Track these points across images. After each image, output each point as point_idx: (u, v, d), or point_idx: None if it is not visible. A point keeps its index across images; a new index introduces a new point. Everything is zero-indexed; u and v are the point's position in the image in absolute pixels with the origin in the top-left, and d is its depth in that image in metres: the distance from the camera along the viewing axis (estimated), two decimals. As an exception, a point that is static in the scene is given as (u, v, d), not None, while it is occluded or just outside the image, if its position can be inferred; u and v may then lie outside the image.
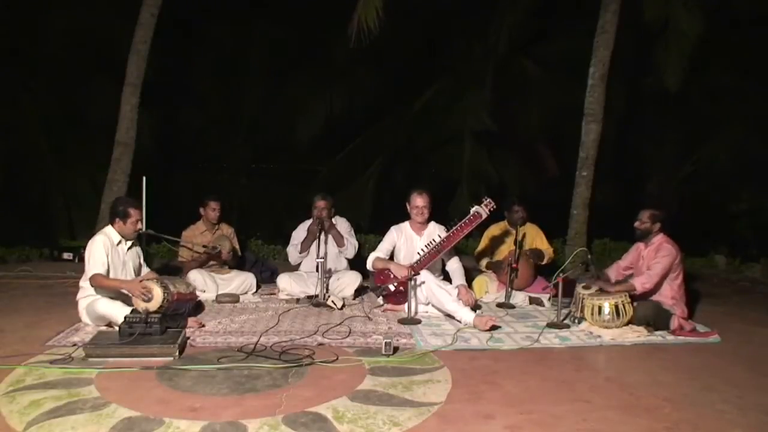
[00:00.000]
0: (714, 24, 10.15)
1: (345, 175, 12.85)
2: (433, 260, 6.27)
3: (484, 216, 6.24)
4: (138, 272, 5.68)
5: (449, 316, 5.88)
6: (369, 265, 6.54)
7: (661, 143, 13.10)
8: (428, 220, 6.60)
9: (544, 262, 7.13)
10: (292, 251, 7.19)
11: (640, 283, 5.65)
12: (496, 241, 7.38)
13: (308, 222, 7.17)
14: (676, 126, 12.71)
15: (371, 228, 10.44)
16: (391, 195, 11.23)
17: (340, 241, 7.05)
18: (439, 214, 6.73)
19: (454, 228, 6.21)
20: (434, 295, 5.91)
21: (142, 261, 5.81)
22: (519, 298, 6.86)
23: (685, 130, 12.69)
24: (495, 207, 6.25)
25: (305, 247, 7.07)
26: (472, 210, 6.24)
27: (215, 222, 7.20)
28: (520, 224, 7.11)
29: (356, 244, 7.24)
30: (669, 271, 5.68)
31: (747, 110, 11.81)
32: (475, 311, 5.82)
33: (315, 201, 7.07)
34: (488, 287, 7.11)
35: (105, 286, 5.22)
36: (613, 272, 6.18)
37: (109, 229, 5.49)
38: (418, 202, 6.48)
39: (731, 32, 11.32)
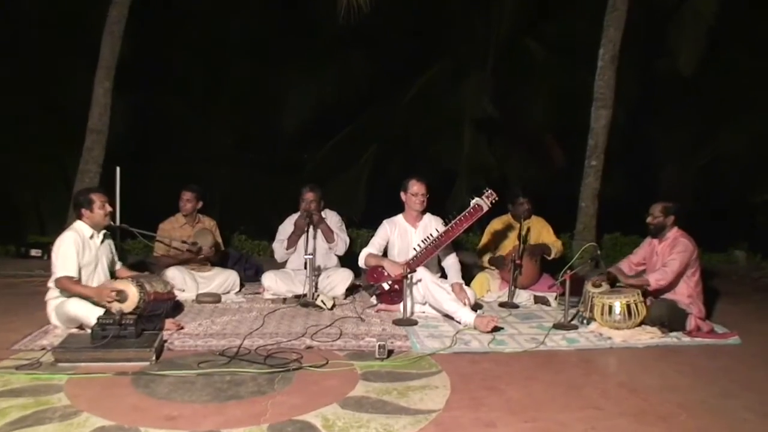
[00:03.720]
0: (731, 2, 10.14)
1: (335, 166, 12.84)
2: (431, 257, 6.26)
3: (486, 209, 6.22)
4: (112, 268, 5.66)
5: (448, 316, 5.88)
6: (361, 262, 6.52)
7: (675, 131, 13.10)
8: (424, 212, 6.60)
9: (552, 256, 7.13)
10: (278, 247, 7.17)
11: (655, 280, 5.65)
12: (499, 236, 7.37)
13: (296, 216, 7.15)
14: (692, 112, 12.72)
15: (364, 222, 10.42)
16: (385, 186, 11.18)
17: (329, 236, 7.03)
18: (436, 206, 6.72)
19: (453, 222, 6.19)
20: (431, 293, 5.91)
21: (115, 256, 5.78)
22: (523, 297, 6.87)
23: (701, 117, 12.69)
24: (497, 199, 6.24)
25: (292, 242, 7.05)
26: (473, 202, 6.22)
27: (189, 214, 7.15)
28: (525, 218, 7.10)
29: (347, 239, 7.23)
30: (686, 268, 5.68)
31: (767, 95, 11.81)
32: (476, 311, 5.82)
33: (303, 192, 7.04)
34: (490, 285, 7.10)
35: (72, 292, 5.17)
36: (625, 268, 6.18)
37: (78, 225, 5.45)
38: (417, 189, 6.46)
39: (749, 11, 11.32)
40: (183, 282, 6.70)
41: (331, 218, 7.22)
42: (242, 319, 5.84)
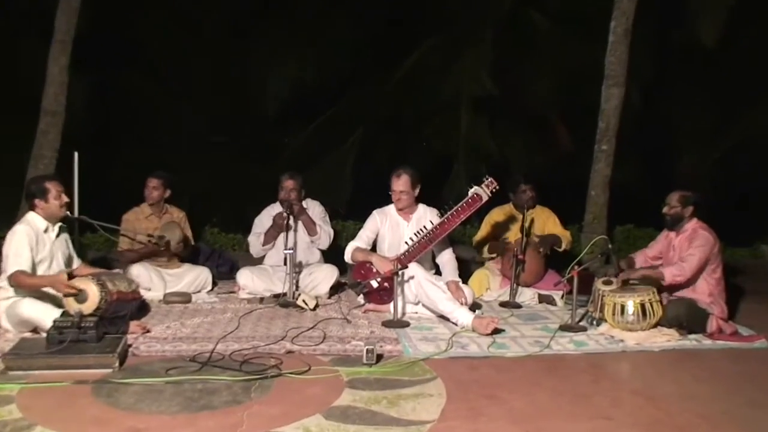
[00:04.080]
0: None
1: (318, 151, 12.77)
2: (424, 251, 6.28)
3: (485, 198, 6.23)
4: (69, 264, 5.64)
5: (443, 317, 5.90)
6: (347, 257, 6.53)
7: (695, 112, 13.08)
8: (417, 202, 6.61)
9: (563, 248, 7.15)
10: (254, 241, 7.17)
11: (671, 274, 5.65)
12: (500, 229, 7.39)
13: (275, 206, 7.15)
14: (714, 91, 12.71)
15: (349, 213, 10.41)
16: (373, 174, 11.16)
17: (312, 228, 7.03)
18: (431, 196, 6.72)
19: (449, 213, 6.20)
20: (425, 292, 5.93)
21: (72, 252, 5.76)
22: (526, 295, 6.89)
23: (724, 97, 12.69)
24: (498, 187, 6.25)
25: (269, 238, 7.06)
26: (471, 191, 6.23)
27: (155, 203, 7.12)
28: (528, 207, 7.11)
29: (331, 232, 7.23)
30: (706, 263, 5.69)
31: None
32: (474, 312, 5.84)
33: (282, 180, 7.04)
34: (489, 283, 7.12)
35: (28, 285, 5.17)
36: (640, 261, 6.20)
37: (31, 216, 5.42)
38: (393, 185, 6.49)
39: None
40: (149, 280, 6.68)
41: (314, 209, 7.22)
42: (215, 321, 5.85)
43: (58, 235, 5.55)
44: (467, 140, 12.11)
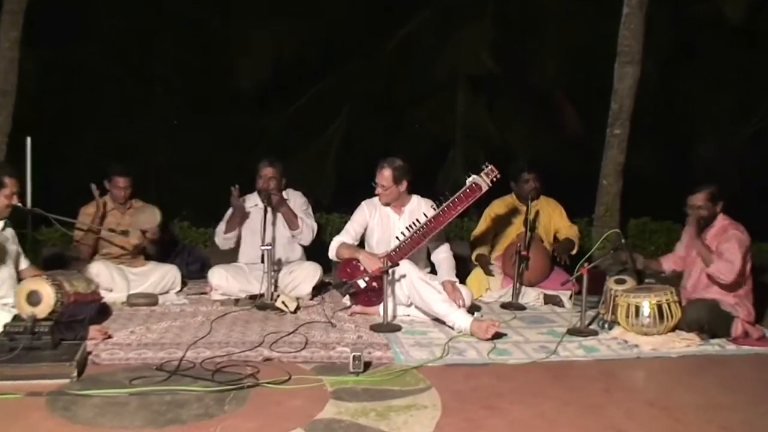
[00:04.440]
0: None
1: (300, 135, 12.78)
2: (418, 247, 6.28)
3: (485, 188, 6.24)
4: (17, 262, 5.61)
5: (438, 320, 5.91)
6: (332, 254, 6.55)
7: (718, 94, 13.10)
8: (411, 193, 6.62)
9: (575, 251, 7.17)
10: (219, 230, 7.22)
11: (717, 269, 5.64)
12: (501, 222, 7.40)
13: (252, 197, 7.17)
14: (739, 71, 12.73)
15: (335, 205, 10.39)
16: (361, 161, 11.15)
17: (293, 221, 7.02)
18: (425, 185, 6.72)
19: (445, 204, 6.21)
20: (418, 292, 5.93)
21: (20, 249, 5.73)
22: (531, 296, 6.91)
23: (751, 77, 12.71)
24: (499, 176, 6.25)
25: (232, 226, 7.09)
26: (469, 180, 6.23)
27: (123, 203, 7.12)
28: (532, 198, 7.12)
29: (315, 226, 7.23)
30: (746, 262, 5.71)
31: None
32: (473, 314, 5.85)
33: (260, 168, 7.04)
34: (489, 283, 7.13)
35: None
36: (670, 264, 6.23)
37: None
38: (377, 177, 6.50)
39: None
40: (110, 279, 6.65)
41: (295, 200, 7.22)
42: (185, 326, 5.84)
43: (3, 229, 5.52)
44: (465, 124, 12.14)
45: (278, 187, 7.02)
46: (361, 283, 6.31)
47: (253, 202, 7.15)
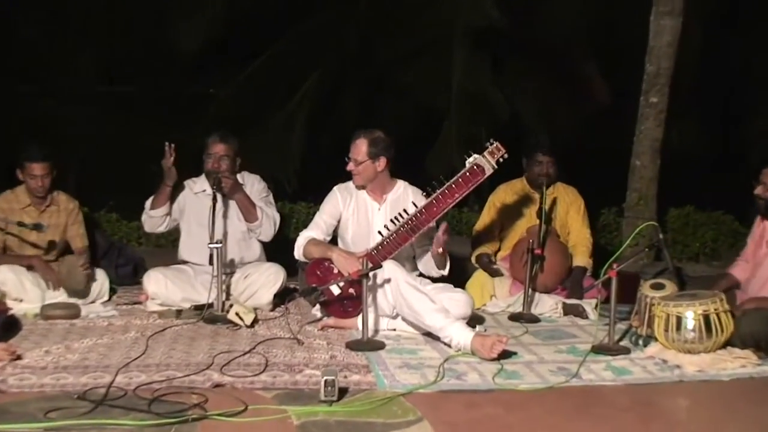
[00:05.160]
0: None
1: (257, 105, 12.76)
2: (405, 245, 6.25)
3: (489, 171, 6.21)
4: None
5: (431, 335, 5.91)
6: (298, 253, 6.54)
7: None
8: (395, 178, 6.62)
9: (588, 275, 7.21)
10: (145, 207, 7.18)
11: None
12: (509, 213, 7.42)
13: (198, 181, 7.18)
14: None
15: (302, 191, 10.40)
16: (333, 138, 11.14)
17: (250, 212, 7.02)
18: (411, 167, 6.69)
19: (439, 191, 6.17)
20: (406, 301, 5.89)
21: None
22: (546, 305, 6.92)
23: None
24: (506, 155, 6.24)
25: (160, 200, 7.04)
26: (469, 161, 6.20)
27: (42, 195, 7.10)
28: (547, 184, 7.13)
29: (277, 217, 7.23)
30: None
31: None
32: (475, 328, 5.84)
33: (209, 145, 7.02)
34: (495, 289, 7.13)
35: None
36: (739, 272, 6.23)
37: None
38: (350, 152, 6.49)
39: None
40: (20, 287, 6.65)
41: (252, 185, 7.23)
42: (113, 344, 5.81)
43: None
44: (462, 90, 12.08)
45: (232, 169, 6.99)
46: (335, 290, 6.30)
47: (200, 187, 7.14)
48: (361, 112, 11.95)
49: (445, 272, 6.42)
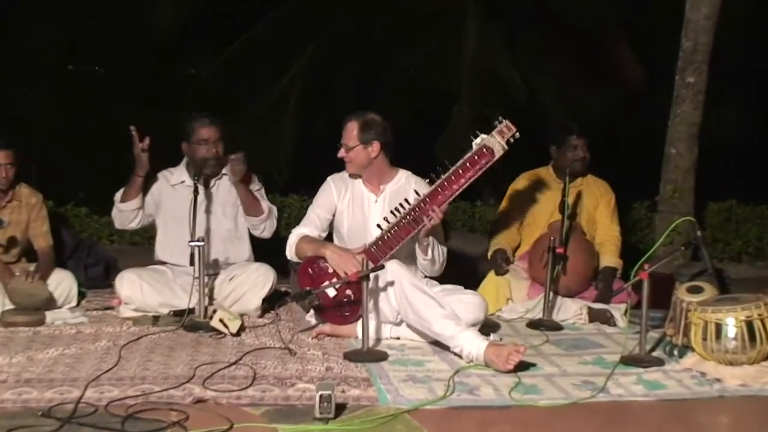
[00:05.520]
0: None
1: (242, 88, 12.76)
2: (407, 239, 6.18)
3: (499, 153, 6.15)
4: None
5: (439, 344, 5.88)
6: (290, 253, 6.52)
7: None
8: (394, 166, 6.61)
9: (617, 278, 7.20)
10: (115, 200, 7.17)
11: None
12: (530, 205, 7.41)
13: (175, 171, 7.15)
14: None
15: (292, 184, 10.38)
16: (329, 123, 11.11)
17: (254, 205, 7.06)
18: (419, 155, 6.65)
19: (444, 177, 6.13)
20: (411, 305, 5.84)
21: None
22: (570, 310, 6.91)
23: None
24: (517, 134, 6.18)
25: (131, 191, 7.01)
26: (477, 142, 6.17)
27: (5, 188, 7.08)
28: (583, 171, 7.12)
29: (275, 210, 7.24)
30: None
31: None
32: (489, 336, 5.80)
33: (194, 130, 7.00)
34: (512, 291, 7.10)
35: None
36: None
37: None
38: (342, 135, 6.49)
39: None
40: (-25, 291, 6.64)
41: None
42: (82, 354, 5.79)
43: None
44: (475, 67, 12.07)
45: (242, 163, 6.94)
46: (330, 292, 6.26)
47: (177, 178, 7.14)
48: (359, 94, 11.94)
49: (433, 264, 6.32)
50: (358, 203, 6.53)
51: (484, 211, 9.35)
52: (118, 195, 7.06)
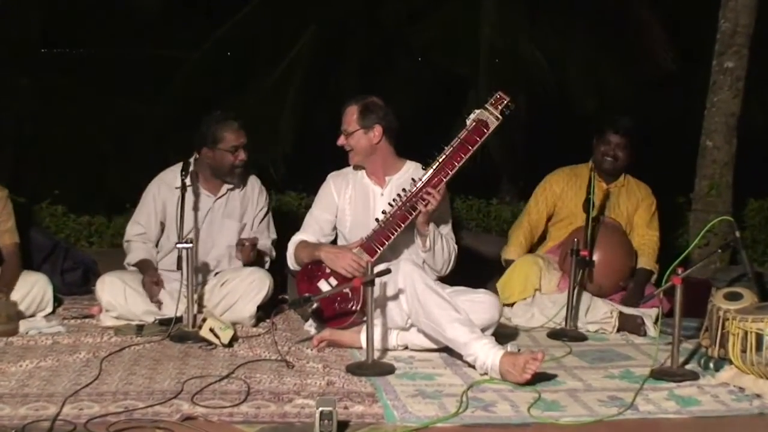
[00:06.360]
0: None
1: (235, 72, 12.75)
2: (404, 226, 6.14)
3: (494, 124, 6.16)
4: None
5: (450, 352, 5.89)
6: (290, 263, 6.57)
7: None
8: (402, 156, 6.64)
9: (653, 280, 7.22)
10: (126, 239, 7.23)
11: None
12: (562, 200, 7.42)
13: (170, 171, 7.17)
14: None
15: (292, 179, 10.40)
16: (330, 113, 11.11)
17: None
18: (432, 145, 6.66)
19: (441, 160, 6.14)
20: (423, 308, 5.81)
21: None
22: (600, 312, 6.91)
23: None
24: (513, 105, 6.22)
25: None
26: (471, 118, 6.20)
27: None
28: (613, 171, 7.16)
29: (273, 253, 7.35)
30: None
31: None
32: (505, 345, 5.81)
33: (222, 135, 7.02)
34: (541, 280, 7.10)
35: None
36: None
37: None
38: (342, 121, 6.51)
39: None
40: (-57, 300, 6.67)
41: (253, 193, 7.38)
42: (59, 367, 5.80)
43: None
44: (492, 50, 12.07)
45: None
46: (323, 286, 6.27)
47: (175, 181, 6.96)
48: (364, 80, 11.92)
49: (433, 256, 6.30)
50: (362, 198, 6.54)
51: (500, 210, 9.36)
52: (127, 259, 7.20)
